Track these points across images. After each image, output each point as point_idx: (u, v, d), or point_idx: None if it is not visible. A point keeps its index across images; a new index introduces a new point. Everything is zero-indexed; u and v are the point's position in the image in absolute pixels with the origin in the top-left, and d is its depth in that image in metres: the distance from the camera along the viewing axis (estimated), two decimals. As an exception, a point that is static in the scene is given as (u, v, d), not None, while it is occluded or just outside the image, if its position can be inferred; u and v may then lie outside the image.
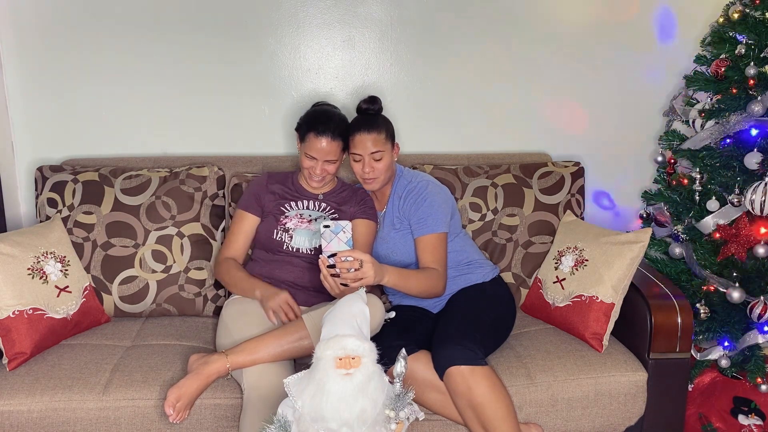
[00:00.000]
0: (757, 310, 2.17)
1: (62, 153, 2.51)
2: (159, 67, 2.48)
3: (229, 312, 2.02)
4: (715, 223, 2.28)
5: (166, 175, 2.30)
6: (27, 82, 2.45)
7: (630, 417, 1.97)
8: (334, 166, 2.09)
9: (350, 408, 1.45)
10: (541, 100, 2.68)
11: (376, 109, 2.10)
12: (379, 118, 2.08)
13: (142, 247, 2.21)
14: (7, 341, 1.88)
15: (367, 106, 2.09)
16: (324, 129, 2.03)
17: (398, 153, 2.15)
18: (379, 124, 2.05)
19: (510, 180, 2.41)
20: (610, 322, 2.02)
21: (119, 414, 1.79)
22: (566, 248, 2.22)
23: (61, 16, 2.41)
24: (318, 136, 2.03)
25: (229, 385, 1.86)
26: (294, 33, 2.52)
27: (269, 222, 2.11)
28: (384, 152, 2.04)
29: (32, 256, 1.99)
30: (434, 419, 1.89)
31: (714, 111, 2.32)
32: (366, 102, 2.10)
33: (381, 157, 2.04)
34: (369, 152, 2.03)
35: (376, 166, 2.04)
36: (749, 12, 2.27)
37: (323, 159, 2.05)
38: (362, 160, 2.04)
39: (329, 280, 1.85)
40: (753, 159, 2.19)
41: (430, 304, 2.13)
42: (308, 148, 2.05)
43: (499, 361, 1.97)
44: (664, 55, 2.69)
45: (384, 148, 2.04)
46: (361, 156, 2.04)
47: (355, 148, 2.05)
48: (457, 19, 2.55)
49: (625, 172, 2.79)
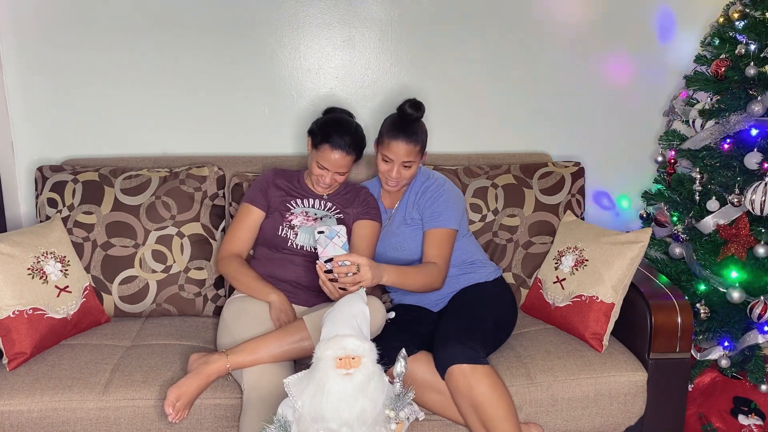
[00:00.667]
0: (757, 310, 2.17)
1: (62, 153, 2.51)
2: (159, 67, 2.48)
3: (229, 311, 2.02)
4: (715, 223, 2.29)
5: (166, 175, 2.30)
6: (27, 82, 2.45)
7: (630, 417, 1.97)
8: (344, 176, 2.08)
9: (350, 408, 1.45)
10: (541, 100, 2.68)
11: (419, 116, 2.03)
12: (419, 129, 2.04)
13: (142, 247, 2.21)
14: (7, 341, 1.88)
15: (411, 112, 2.00)
16: (340, 143, 2.00)
17: (426, 159, 2.14)
18: (418, 134, 2.02)
19: (510, 180, 2.41)
20: (610, 322, 2.02)
21: (119, 414, 1.79)
22: (566, 248, 2.22)
23: (61, 16, 2.41)
24: (333, 148, 2.00)
25: (229, 385, 1.86)
26: (294, 33, 2.52)
27: (274, 218, 2.11)
28: (415, 162, 2.04)
29: (32, 256, 1.99)
30: (434, 419, 1.89)
31: (714, 111, 2.32)
32: (411, 107, 2.00)
33: (410, 165, 2.04)
34: (402, 160, 2.02)
35: (404, 173, 2.04)
36: (749, 12, 2.28)
37: (334, 171, 2.04)
38: (392, 164, 2.03)
39: (328, 285, 1.85)
40: (753, 159, 2.19)
41: (432, 302, 2.13)
42: (321, 158, 2.02)
43: (499, 361, 1.97)
44: (664, 55, 2.69)
45: (416, 158, 2.04)
46: (392, 161, 2.03)
47: (388, 151, 2.02)
48: (456, 19, 2.55)
49: (625, 172, 2.79)
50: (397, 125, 2.02)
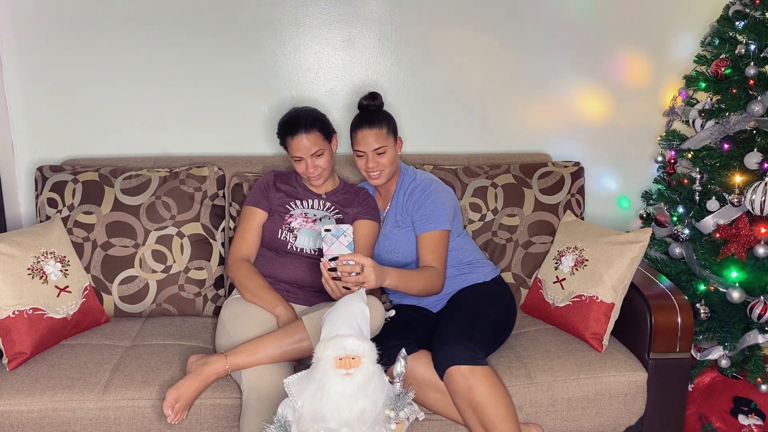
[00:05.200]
0: (757, 310, 2.17)
1: (62, 153, 2.51)
2: (159, 67, 2.48)
3: (227, 312, 2.01)
4: (715, 223, 2.28)
5: (166, 175, 2.30)
6: (27, 82, 2.45)
7: (630, 417, 1.97)
8: (324, 158, 2.09)
9: (350, 408, 1.45)
10: (541, 100, 2.68)
11: (377, 105, 2.11)
12: (380, 114, 2.09)
13: (142, 247, 2.21)
14: (7, 341, 1.88)
15: (368, 103, 2.10)
16: (295, 127, 2.05)
17: (402, 147, 2.16)
18: (380, 119, 2.06)
19: (510, 180, 2.41)
20: (610, 322, 2.02)
21: (119, 414, 1.79)
22: (566, 248, 2.22)
23: (61, 16, 2.41)
24: (293, 136, 2.05)
25: (228, 385, 1.86)
26: (294, 33, 2.52)
27: (274, 221, 2.11)
28: (387, 147, 2.05)
29: (32, 256, 1.99)
30: (434, 419, 1.89)
31: (714, 111, 2.32)
32: (366, 98, 2.11)
33: (384, 151, 2.05)
34: (372, 148, 2.04)
35: (379, 160, 2.05)
36: (749, 12, 2.28)
37: (308, 155, 2.06)
38: (365, 156, 2.05)
39: (331, 284, 1.84)
40: (753, 159, 2.19)
41: (431, 303, 2.13)
42: (292, 151, 2.08)
43: (499, 361, 1.97)
44: (664, 55, 2.69)
45: (386, 143, 2.05)
46: (364, 152, 2.05)
47: (357, 144, 2.06)
48: (456, 19, 2.56)
49: (625, 172, 2.79)
50: (358, 117, 2.09)
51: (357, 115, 2.11)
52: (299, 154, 2.06)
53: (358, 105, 2.13)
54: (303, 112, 2.11)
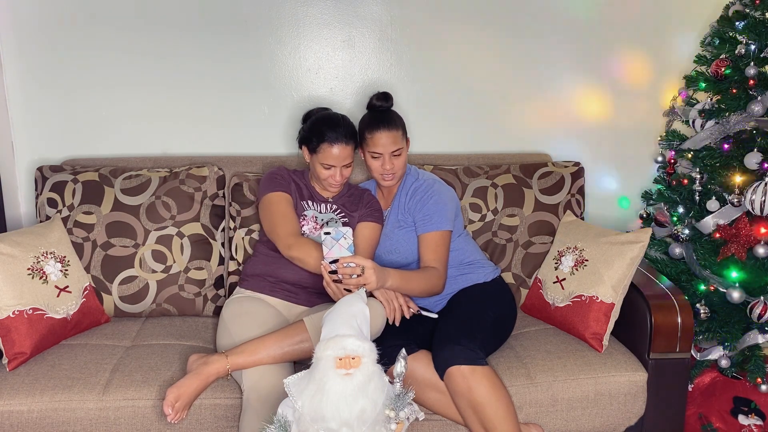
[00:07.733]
0: (757, 310, 2.17)
1: (62, 153, 2.51)
2: (159, 67, 2.48)
3: (229, 312, 2.01)
4: (715, 223, 2.28)
5: (166, 175, 2.30)
6: (27, 82, 2.45)
7: (630, 417, 1.97)
8: (350, 168, 2.09)
9: (350, 408, 1.45)
10: (541, 100, 2.68)
11: (389, 106, 2.10)
12: (394, 115, 2.08)
13: (142, 247, 2.21)
14: (7, 341, 1.88)
15: (380, 103, 2.09)
16: (336, 137, 2.01)
17: (409, 146, 2.15)
18: (395, 120, 2.06)
19: (510, 180, 2.41)
20: (610, 322, 2.02)
21: (119, 414, 1.79)
22: (566, 248, 2.21)
23: (61, 16, 2.41)
24: (332, 144, 2.01)
25: (228, 385, 1.86)
26: (294, 33, 2.52)
27: None
28: (402, 148, 2.06)
29: (32, 256, 1.99)
30: (434, 419, 1.89)
31: (714, 111, 2.32)
32: (378, 99, 2.09)
33: (400, 153, 2.06)
34: (389, 150, 2.03)
35: (395, 162, 2.05)
36: (749, 12, 2.28)
37: (341, 165, 2.04)
38: (381, 157, 2.04)
39: (332, 286, 1.84)
40: (753, 159, 2.19)
41: (431, 303, 2.13)
42: (324, 158, 2.03)
43: (499, 361, 1.97)
44: (664, 55, 2.69)
45: (402, 144, 2.06)
46: (381, 154, 2.04)
47: (374, 146, 2.04)
48: (456, 18, 2.56)
49: (625, 172, 2.79)
50: (374, 118, 2.06)
51: (368, 115, 2.09)
52: (334, 162, 2.02)
53: (369, 105, 2.11)
54: (342, 120, 2.06)
